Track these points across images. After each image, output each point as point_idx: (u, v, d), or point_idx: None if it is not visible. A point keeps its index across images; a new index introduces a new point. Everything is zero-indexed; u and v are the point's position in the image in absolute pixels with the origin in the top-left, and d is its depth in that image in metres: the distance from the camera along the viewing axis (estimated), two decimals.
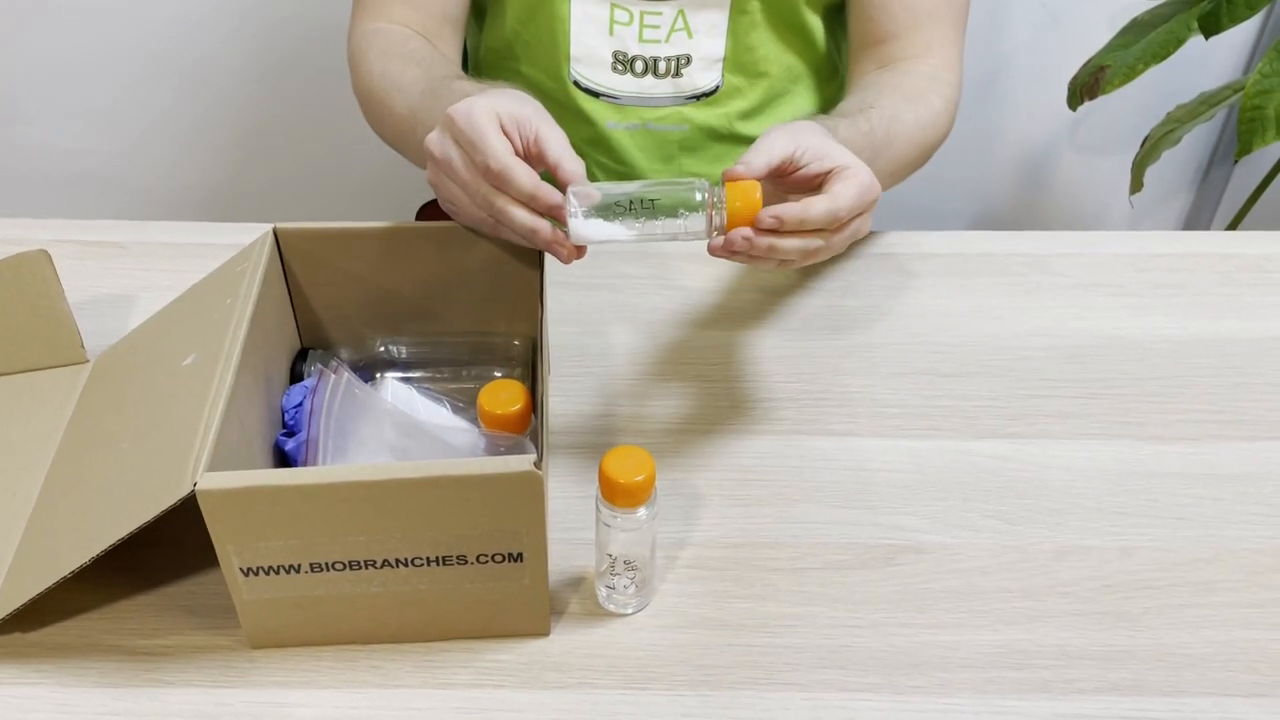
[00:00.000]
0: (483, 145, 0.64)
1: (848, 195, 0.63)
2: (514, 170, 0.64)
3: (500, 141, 0.65)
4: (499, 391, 0.67)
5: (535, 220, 0.65)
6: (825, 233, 0.64)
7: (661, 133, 0.95)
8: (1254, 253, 0.92)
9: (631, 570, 0.63)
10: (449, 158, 0.67)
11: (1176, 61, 1.30)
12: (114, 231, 0.92)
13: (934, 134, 0.86)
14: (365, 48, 0.88)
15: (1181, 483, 0.73)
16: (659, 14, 0.89)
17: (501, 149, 0.64)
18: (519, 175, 0.64)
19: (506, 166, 0.64)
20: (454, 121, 0.66)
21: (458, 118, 0.66)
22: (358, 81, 0.88)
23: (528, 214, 0.65)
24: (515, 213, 0.65)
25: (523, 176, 0.64)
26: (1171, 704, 0.61)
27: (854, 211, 0.64)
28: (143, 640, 0.64)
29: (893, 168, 0.81)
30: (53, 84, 1.61)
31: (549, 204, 0.65)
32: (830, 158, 0.65)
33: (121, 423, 0.68)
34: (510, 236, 0.68)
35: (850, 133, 0.75)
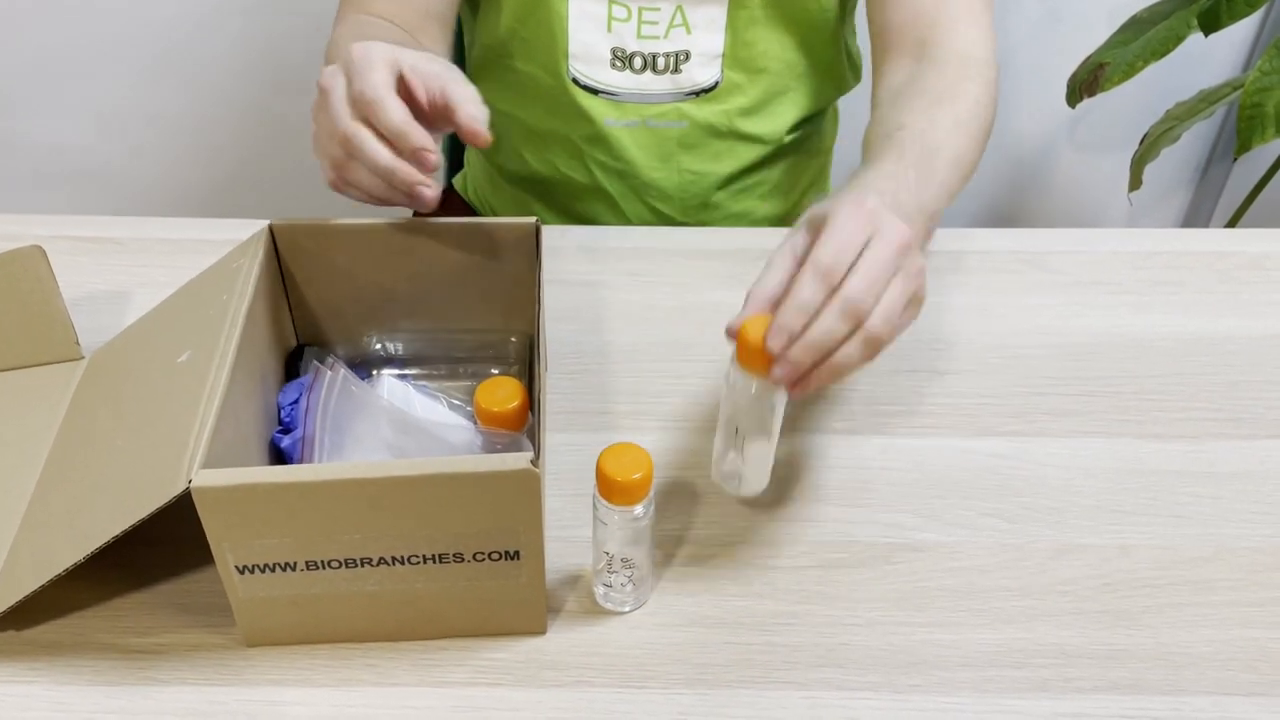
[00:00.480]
0: (365, 73, 0.61)
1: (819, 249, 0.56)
2: (385, 101, 0.61)
3: (383, 76, 0.62)
4: (495, 389, 0.67)
5: (394, 160, 0.62)
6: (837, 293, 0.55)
7: (661, 130, 0.94)
8: (1253, 250, 0.92)
9: (629, 568, 0.63)
10: (332, 89, 0.63)
11: (1176, 59, 1.30)
12: (109, 227, 0.92)
13: (980, 123, 0.78)
14: (340, 33, 0.86)
15: (1181, 481, 0.73)
16: (657, 9, 0.89)
17: (381, 81, 0.61)
18: (390, 106, 0.61)
19: (379, 97, 0.61)
20: (350, 55, 0.63)
21: (355, 51, 0.63)
22: None
23: (388, 153, 0.62)
24: (376, 149, 0.62)
25: (393, 108, 0.61)
26: (1171, 703, 0.61)
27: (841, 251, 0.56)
28: (137, 638, 0.63)
29: (947, 181, 0.72)
30: (49, 80, 1.60)
31: (415, 145, 0.61)
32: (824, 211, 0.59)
33: (116, 420, 0.68)
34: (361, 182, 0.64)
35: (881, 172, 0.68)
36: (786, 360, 0.56)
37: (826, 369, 0.56)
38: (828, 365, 0.56)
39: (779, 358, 0.56)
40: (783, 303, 0.56)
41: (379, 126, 0.62)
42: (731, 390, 0.60)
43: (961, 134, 0.75)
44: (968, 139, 0.76)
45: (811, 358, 0.56)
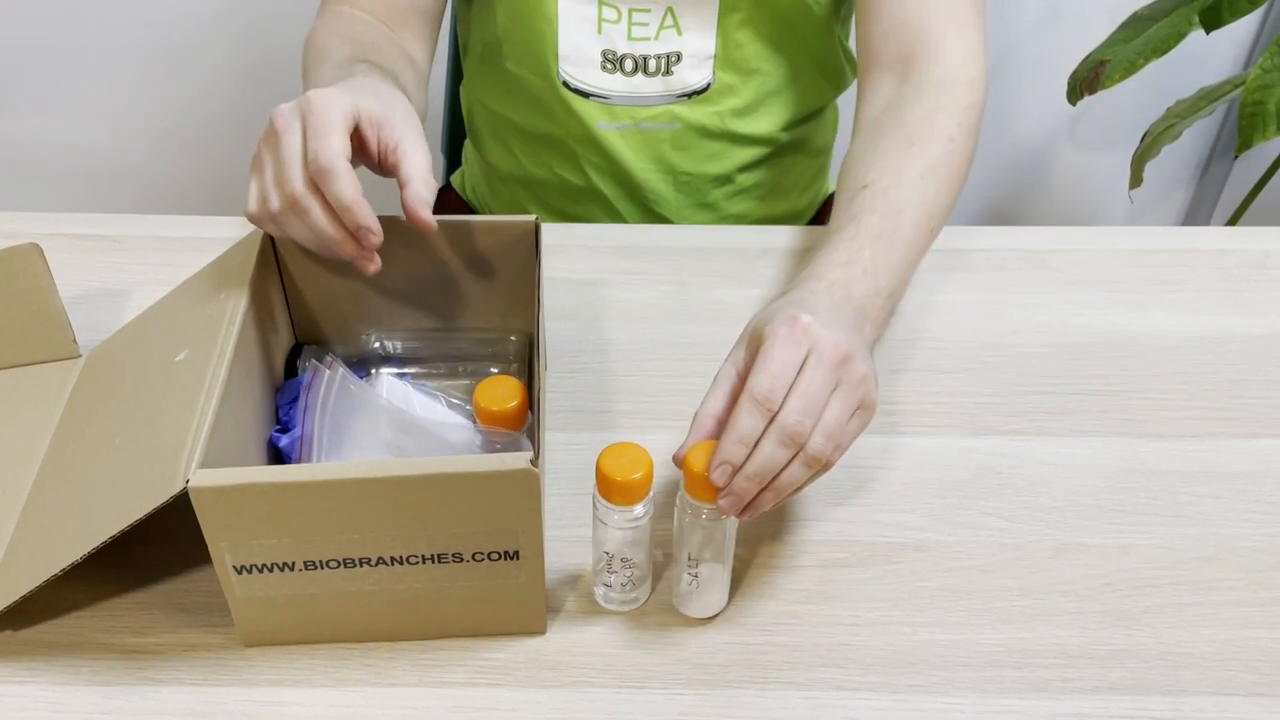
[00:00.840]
0: (324, 135, 0.60)
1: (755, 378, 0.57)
2: (338, 172, 0.60)
3: (342, 141, 0.60)
4: (495, 387, 0.66)
5: (338, 233, 0.61)
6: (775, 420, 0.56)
7: (653, 132, 0.94)
8: (1254, 248, 0.92)
9: (628, 568, 0.63)
10: (284, 139, 0.61)
11: (1177, 56, 1.30)
12: (107, 225, 0.92)
13: (952, 165, 0.77)
14: (318, 26, 0.85)
15: (1181, 480, 0.73)
16: (647, 10, 0.88)
17: (336, 149, 0.60)
18: (342, 180, 0.60)
19: (334, 167, 0.60)
20: (310, 102, 0.61)
21: (315, 100, 0.61)
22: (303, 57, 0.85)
23: (333, 226, 0.61)
24: (320, 219, 0.61)
25: (345, 183, 0.60)
26: (1172, 703, 0.61)
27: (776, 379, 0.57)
28: (135, 638, 0.63)
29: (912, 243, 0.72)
30: (49, 77, 1.60)
31: (360, 223, 0.61)
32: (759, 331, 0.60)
33: (114, 419, 0.67)
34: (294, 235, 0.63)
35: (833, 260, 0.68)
36: (731, 492, 0.57)
37: (771, 492, 0.58)
38: (772, 488, 0.58)
39: (723, 490, 0.57)
40: (724, 435, 0.57)
41: (328, 195, 0.61)
42: (682, 517, 0.61)
43: (930, 183, 0.74)
44: (937, 186, 0.75)
45: (755, 487, 0.57)
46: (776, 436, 0.56)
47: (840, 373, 0.58)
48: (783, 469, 0.57)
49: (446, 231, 0.72)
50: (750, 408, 0.56)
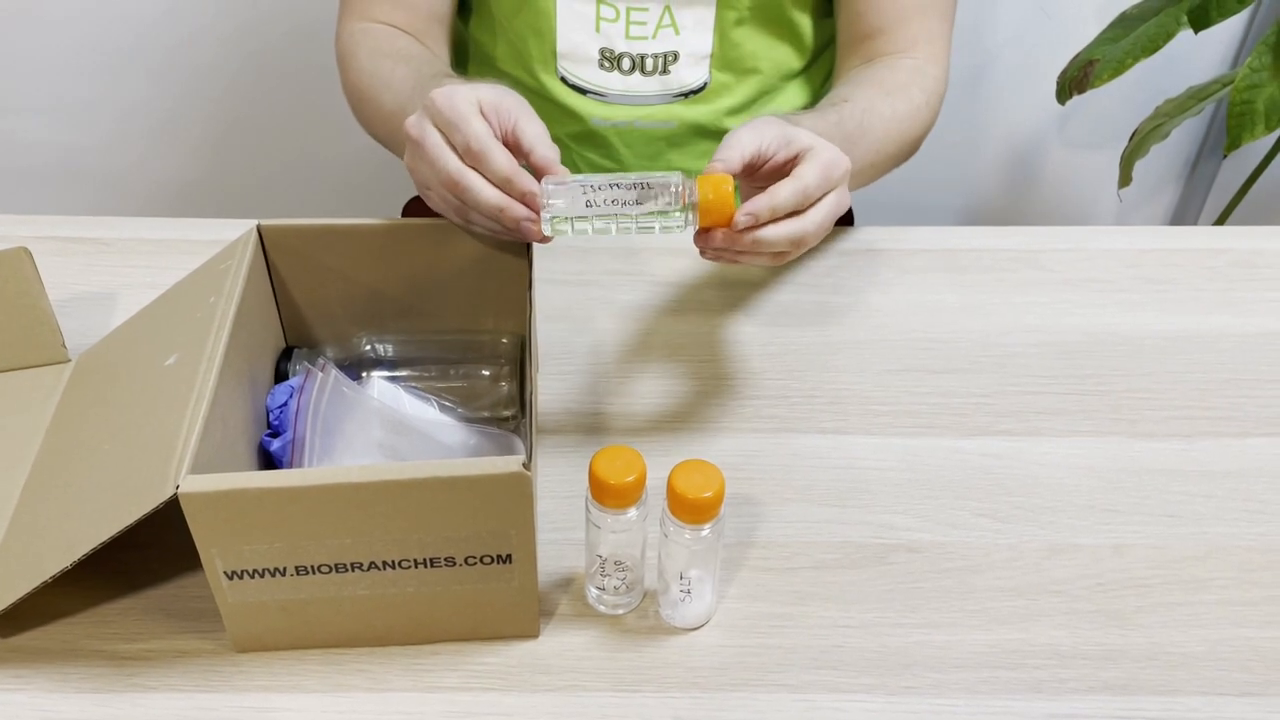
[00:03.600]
0: (463, 126, 0.64)
1: (812, 172, 0.63)
2: (492, 151, 0.64)
3: (480, 124, 0.64)
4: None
5: (504, 199, 0.64)
6: (800, 214, 0.63)
7: (650, 130, 0.94)
8: (1244, 248, 0.92)
9: (622, 571, 0.63)
10: (425, 139, 0.66)
11: (1165, 56, 1.30)
12: (96, 228, 0.91)
13: (913, 126, 0.85)
14: (354, 47, 0.87)
15: (1173, 480, 0.73)
16: (645, 10, 0.88)
17: (482, 130, 0.64)
18: (497, 156, 0.64)
19: (486, 148, 0.64)
20: (434, 103, 0.65)
21: (438, 100, 0.65)
22: (347, 80, 0.88)
23: (498, 193, 0.64)
24: (486, 191, 0.64)
25: (500, 158, 0.64)
26: (1164, 703, 0.61)
27: (823, 187, 0.64)
28: (125, 644, 0.63)
29: (870, 159, 0.81)
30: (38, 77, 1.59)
31: (523, 190, 0.64)
32: (795, 142, 0.65)
33: (103, 424, 0.67)
34: (477, 222, 0.67)
35: (815, 123, 0.74)
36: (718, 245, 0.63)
37: (750, 255, 0.64)
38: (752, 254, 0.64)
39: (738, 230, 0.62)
40: (763, 196, 0.62)
41: (487, 175, 0.64)
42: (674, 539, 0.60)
43: (894, 127, 0.83)
44: (898, 134, 0.84)
45: (752, 246, 0.63)
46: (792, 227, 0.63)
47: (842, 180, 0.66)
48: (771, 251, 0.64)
49: (438, 234, 0.72)
50: (794, 196, 0.62)
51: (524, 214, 0.65)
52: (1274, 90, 1.23)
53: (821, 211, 0.64)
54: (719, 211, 0.62)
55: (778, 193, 0.62)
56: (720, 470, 0.59)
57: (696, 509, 0.58)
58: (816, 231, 0.65)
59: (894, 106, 0.83)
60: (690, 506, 0.58)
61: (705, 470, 0.58)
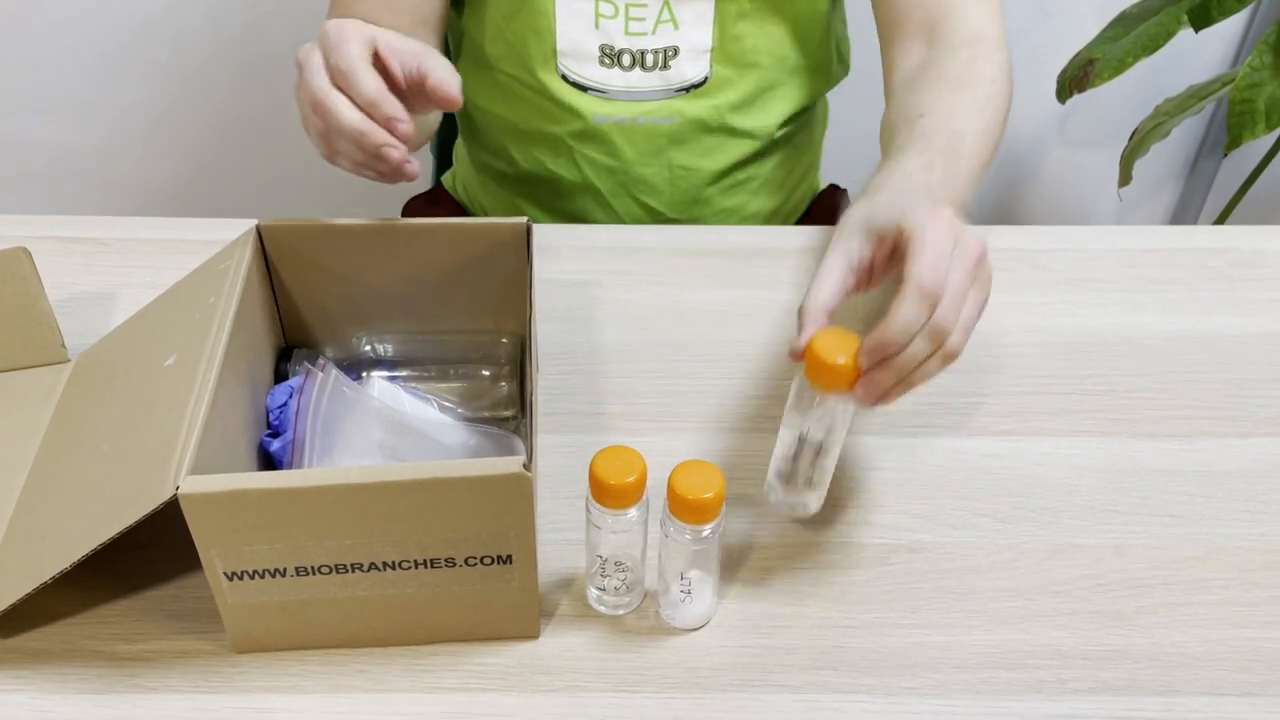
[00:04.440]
0: (340, 47, 0.63)
1: (922, 271, 0.56)
2: (359, 72, 0.63)
3: (356, 48, 0.64)
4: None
5: (365, 122, 0.63)
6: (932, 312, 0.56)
7: (651, 126, 0.94)
8: (1245, 247, 0.92)
9: (622, 571, 0.63)
10: (306, 62, 0.65)
11: (1165, 55, 1.30)
12: (95, 228, 0.91)
13: (998, 104, 0.78)
14: None
15: (1174, 480, 0.73)
16: (644, 5, 0.88)
17: (354, 53, 0.63)
18: (363, 78, 0.63)
19: (353, 68, 0.63)
20: (325, 30, 0.65)
21: (329, 27, 0.65)
22: None
23: (359, 115, 0.63)
24: (347, 112, 0.63)
25: (367, 79, 0.63)
26: (1165, 703, 0.61)
27: (939, 271, 0.56)
28: (125, 645, 0.63)
29: (974, 166, 0.74)
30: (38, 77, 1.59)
31: (387, 113, 0.63)
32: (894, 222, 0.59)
33: (103, 424, 0.67)
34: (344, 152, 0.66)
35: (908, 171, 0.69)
36: (871, 381, 0.57)
37: (904, 384, 0.58)
38: (907, 380, 0.57)
39: (865, 377, 0.57)
40: (885, 323, 0.56)
41: (353, 96, 0.63)
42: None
43: (984, 117, 0.76)
44: (990, 120, 0.77)
45: (895, 378, 0.57)
46: (928, 330, 0.56)
47: (978, 269, 0.59)
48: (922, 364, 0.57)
49: (438, 234, 0.72)
50: (917, 299, 0.56)
51: (384, 139, 0.64)
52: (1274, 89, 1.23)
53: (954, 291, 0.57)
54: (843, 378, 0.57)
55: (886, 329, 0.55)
56: (720, 470, 0.58)
57: (696, 509, 0.58)
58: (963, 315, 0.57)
59: (974, 96, 0.77)
60: (690, 507, 0.58)
61: (705, 470, 0.58)
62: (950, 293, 0.57)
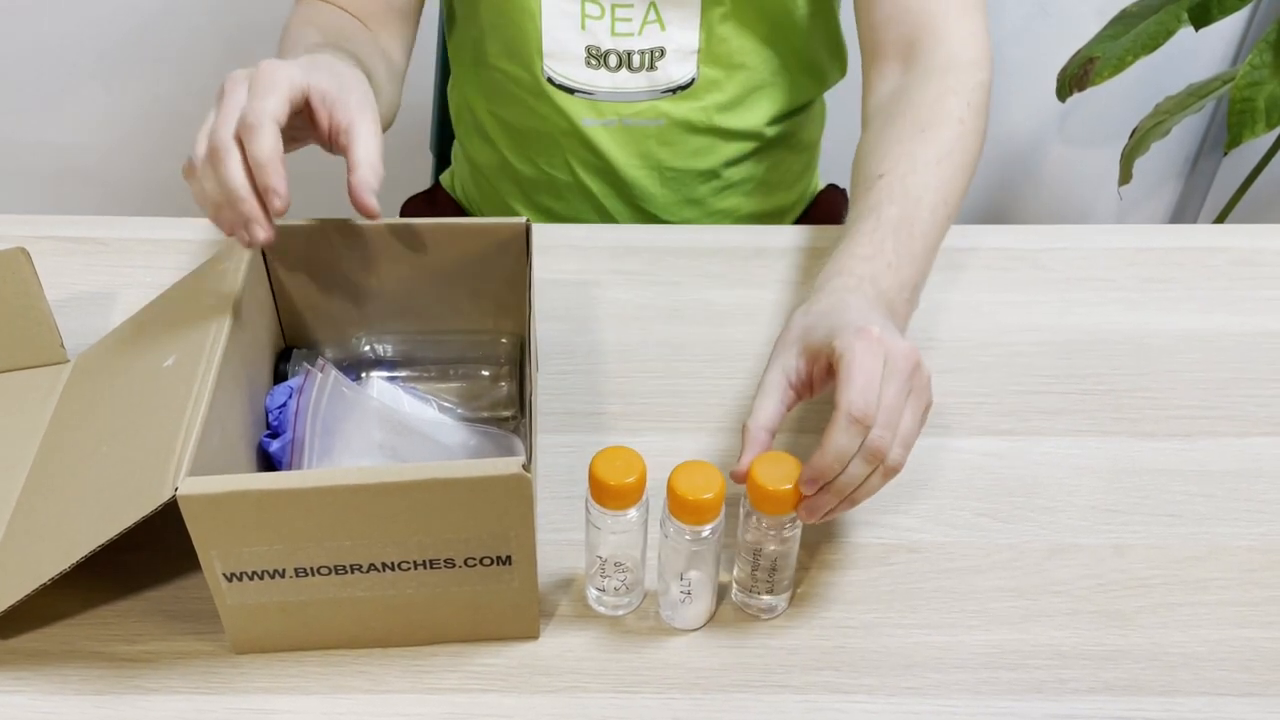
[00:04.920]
0: (262, 97, 0.59)
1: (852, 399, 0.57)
2: (263, 130, 0.58)
3: (278, 104, 0.60)
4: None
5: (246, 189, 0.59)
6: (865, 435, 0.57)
7: (638, 128, 0.94)
8: (1245, 246, 0.92)
9: (622, 572, 0.63)
10: (229, 93, 0.62)
11: (1165, 53, 1.30)
12: (94, 227, 0.91)
13: (965, 146, 0.77)
14: (292, 18, 0.85)
15: (1174, 479, 0.73)
16: (630, 6, 0.88)
17: (270, 109, 0.59)
18: (264, 138, 0.58)
19: (259, 124, 0.59)
20: (259, 68, 0.62)
21: (264, 65, 0.61)
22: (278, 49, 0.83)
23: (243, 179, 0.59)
24: (234, 171, 0.59)
25: (266, 141, 0.58)
26: (1165, 703, 0.61)
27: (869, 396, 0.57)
28: (124, 646, 0.63)
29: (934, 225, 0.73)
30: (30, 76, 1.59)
31: (267, 183, 0.59)
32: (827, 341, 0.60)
33: (102, 425, 0.67)
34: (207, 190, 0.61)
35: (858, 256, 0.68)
36: (812, 505, 0.59)
37: (847, 502, 0.59)
38: (849, 499, 0.59)
39: (806, 501, 0.59)
40: (819, 452, 0.57)
41: (247, 150, 0.59)
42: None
43: (945, 168, 0.75)
44: (951, 170, 0.75)
45: (836, 500, 0.59)
46: (863, 454, 0.58)
47: (912, 381, 0.60)
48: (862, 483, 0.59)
49: (437, 234, 0.71)
50: (848, 426, 0.57)
51: (255, 215, 0.60)
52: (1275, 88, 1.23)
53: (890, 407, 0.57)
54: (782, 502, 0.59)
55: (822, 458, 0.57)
56: (720, 471, 0.58)
57: (697, 510, 0.58)
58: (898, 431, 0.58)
59: (938, 144, 0.75)
60: (690, 507, 0.58)
61: (705, 470, 0.58)
62: (884, 411, 0.58)
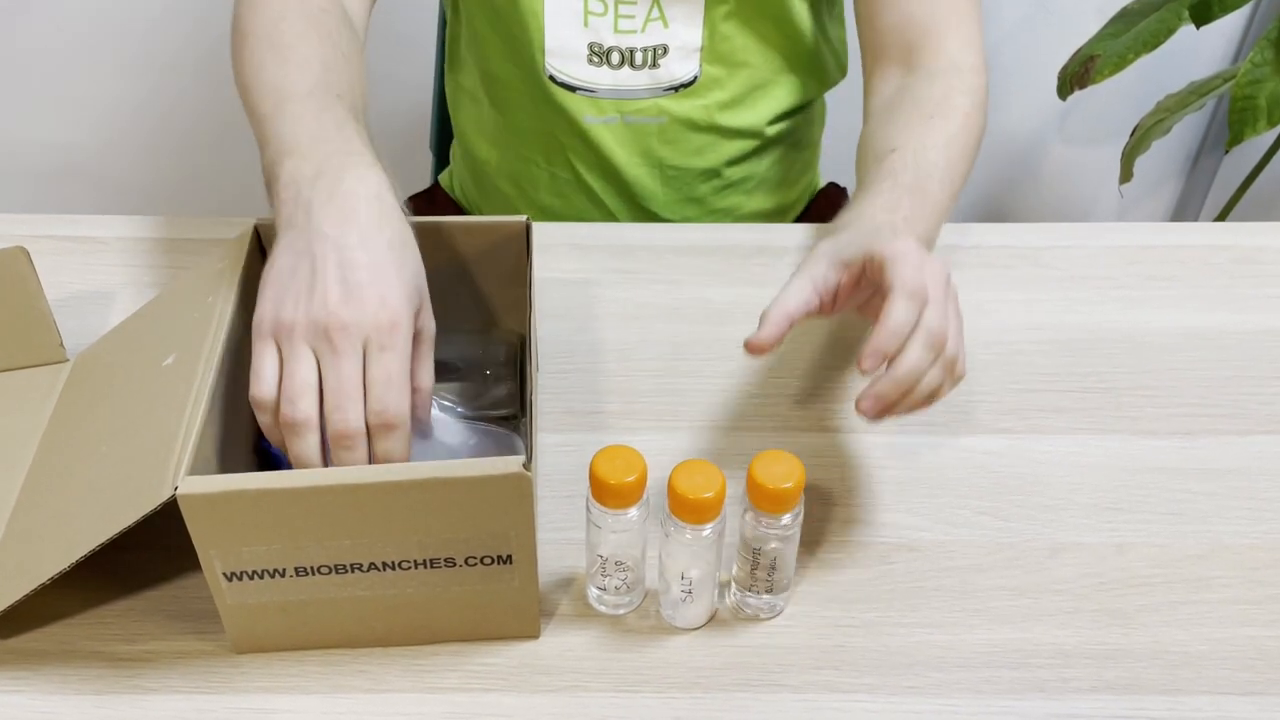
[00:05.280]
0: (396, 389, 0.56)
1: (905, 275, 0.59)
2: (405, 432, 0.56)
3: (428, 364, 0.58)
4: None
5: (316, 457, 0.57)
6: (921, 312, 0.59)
7: (640, 126, 0.94)
8: (1246, 244, 0.92)
9: (622, 571, 0.63)
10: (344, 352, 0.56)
11: (1166, 51, 1.30)
12: (93, 227, 0.91)
13: (968, 137, 0.79)
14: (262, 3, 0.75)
15: (1175, 478, 0.73)
16: (633, 3, 0.88)
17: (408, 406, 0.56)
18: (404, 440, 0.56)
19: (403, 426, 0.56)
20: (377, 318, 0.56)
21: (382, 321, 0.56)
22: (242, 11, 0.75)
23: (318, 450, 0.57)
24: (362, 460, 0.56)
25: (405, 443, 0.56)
26: (1168, 702, 0.61)
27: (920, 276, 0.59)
28: (124, 646, 0.63)
29: (941, 201, 0.74)
30: (30, 75, 1.59)
31: None
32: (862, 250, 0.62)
33: (102, 424, 0.67)
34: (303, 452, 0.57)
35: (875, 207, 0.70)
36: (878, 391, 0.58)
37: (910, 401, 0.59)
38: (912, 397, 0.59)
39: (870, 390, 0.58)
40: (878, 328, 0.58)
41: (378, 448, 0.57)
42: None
43: (953, 150, 0.77)
44: (958, 154, 0.77)
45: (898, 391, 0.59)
46: (923, 339, 0.58)
47: (948, 288, 0.62)
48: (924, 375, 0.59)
49: (436, 233, 0.71)
50: (904, 301, 0.58)
51: None
52: (1276, 86, 1.23)
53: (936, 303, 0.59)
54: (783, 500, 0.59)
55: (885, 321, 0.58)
56: (720, 470, 0.58)
57: (697, 509, 0.58)
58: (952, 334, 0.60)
59: (945, 130, 0.77)
60: (691, 506, 0.57)
61: (705, 470, 0.58)
62: (934, 297, 0.59)
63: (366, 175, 0.61)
